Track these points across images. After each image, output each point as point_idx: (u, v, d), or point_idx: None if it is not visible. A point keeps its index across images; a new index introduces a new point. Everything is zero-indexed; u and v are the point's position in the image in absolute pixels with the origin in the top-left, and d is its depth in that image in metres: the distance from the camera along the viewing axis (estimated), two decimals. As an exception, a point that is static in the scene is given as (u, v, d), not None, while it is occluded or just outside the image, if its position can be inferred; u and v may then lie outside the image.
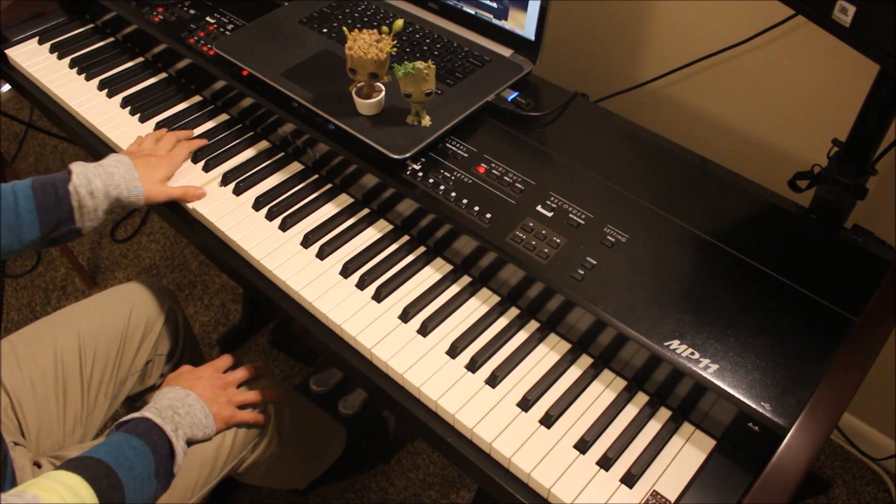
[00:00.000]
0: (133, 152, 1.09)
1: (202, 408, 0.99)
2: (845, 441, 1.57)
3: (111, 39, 1.38)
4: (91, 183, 0.97)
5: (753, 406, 0.76)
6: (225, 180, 1.10)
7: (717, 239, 0.92)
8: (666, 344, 0.81)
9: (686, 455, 0.82)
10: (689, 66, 1.28)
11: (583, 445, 0.82)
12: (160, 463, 0.88)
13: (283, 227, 1.04)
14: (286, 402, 1.22)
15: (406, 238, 1.03)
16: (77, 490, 0.76)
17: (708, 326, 0.83)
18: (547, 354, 0.90)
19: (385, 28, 0.99)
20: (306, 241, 1.02)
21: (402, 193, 1.00)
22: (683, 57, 1.28)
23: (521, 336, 0.92)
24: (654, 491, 0.78)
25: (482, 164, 1.01)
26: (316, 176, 1.12)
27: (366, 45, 0.97)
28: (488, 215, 0.95)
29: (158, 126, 1.19)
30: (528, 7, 1.09)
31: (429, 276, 0.98)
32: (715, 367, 0.79)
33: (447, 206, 0.96)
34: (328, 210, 1.07)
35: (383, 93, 1.03)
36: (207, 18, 1.28)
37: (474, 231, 0.94)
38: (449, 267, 1.00)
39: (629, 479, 0.79)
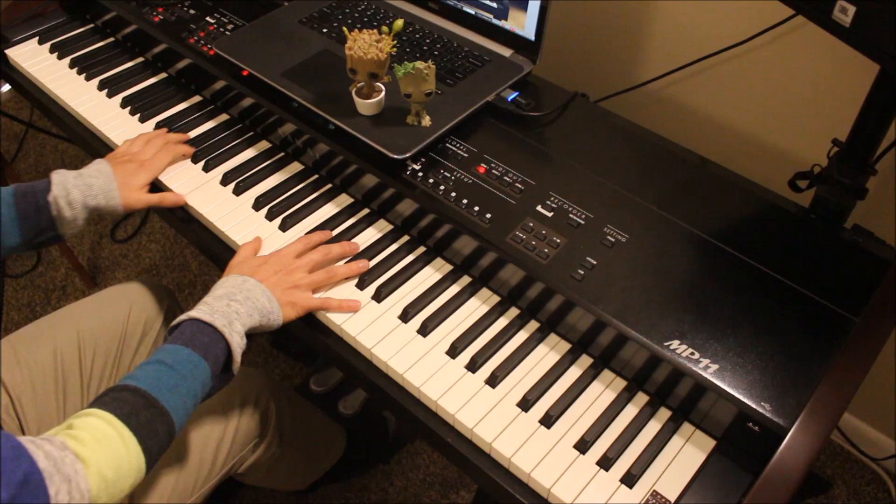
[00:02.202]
0: (116, 157, 1.09)
1: (263, 292, 0.90)
2: (845, 441, 1.57)
3: (111, 39, 1.38)
4: (70, 194, 0.98)
5: (753, 406, 0.76)
6: (225, 180, 1.10)
7: (717, 239, 0.92)
8: (666, 344, 0.81)
9: (686, 455, 0.82)
10: (689, 66, 1.28)
11: (583, 445, 0.82)
12: (216, 364, 0.83)
13: (283, 227, 1.04)
14: (287, 404, 1.22)
15: (406, 238, 1.03)
16: (106, 432, 0.71)
17: (708, 326, 0.83)
18: (547, 354, 0.90)
19: (385, 28, 0.99)
20: (306, 241, 1.02)
21: (402, 193, 1.00)
22: (683, 57, 1.28)
23: (521, 336, 0.92)
24: (654, 491, 0.78)
25: (482, 164, 1.01)
26: (316, 176, 1.12)
27: (366, 45, 0.97)
28: (488, 215, 0.95)
29: (159, 126, 1.19)
30: (528, 7, 1.09)
31: (429, 276, 0.98)
32: (715, 367, 0.79)
33: (447, 206, 0.96)
34: (328, 210, 1.07)
35: (383, 93, 1.03)
36: (207, 18, 1.28)
37: (474, 231, 0.94)
38: (449, 267, 1.00)
39: (629, 479, 0.79)
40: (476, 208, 0.96)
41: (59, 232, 1.00)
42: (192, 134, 1.18)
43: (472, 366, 0.88)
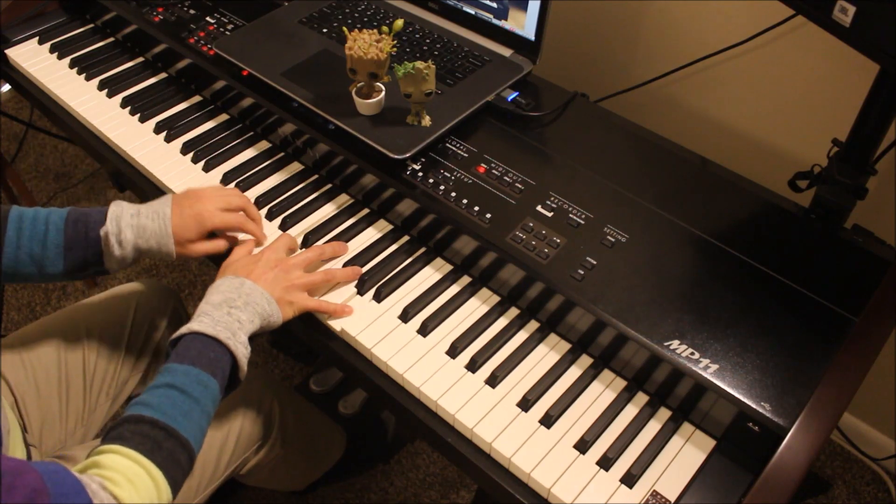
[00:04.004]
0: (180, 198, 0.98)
1: (261, 294, 0.88)
2: (845, 441, 1.57)
3: (111, 39, 1.38)
4: (122, 233, 0.91)
5: (753, 406, 0.76)
6: (225, 180, 1.10)
7: (717, 239, 0.92)
8: (666, 344, 0.81)
9: (686, 455, 0.82)
10: (689, 66, 1.28)
11: (583, 445, 0.82)
12: (223, 378, 0.81)
13: (283, 227, 1.04)
14: (289, 405, 1.22)
15: (406, 238, 1.03)
16: (136, 472, 0.70)
17: (708, 326, 0.83)
18: (547, 354, 0.90)
19: (385, 28, 0.99)
20: (306, 242, 1.02)
21: (402, 193, 1.00)
22: (684, 57, 1.28)
23: (521, 336, 0.92)
24: (654, 491, 0.78)
25: (482, 164, 1.01)
26: (316, 176, 1.12)
27: (366, 45, 0.97)
28: (488, 215, 0.95)
29: (159, 126, 1.19)
30: (528, 7, 1.09)
31: (429, 276, 0.98)
32: (715, 367, 0.79)
33: (447, 206, 0.96)
34: (328, 210, 1.07)
35: (383, 93, 1.03)
36: (207, 18, 1.28)
37: (474, 231, 0.94)
38: (449, 267, 1.00)
39: (629, 479, 0.79)
40: (476, 208, 0.96)
41: (106, 267, 0.93)
42: (192, 134, 1.18)
43: (472, 366, 0.88)
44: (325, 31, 1.21)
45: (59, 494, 0.62)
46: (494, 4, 1.14)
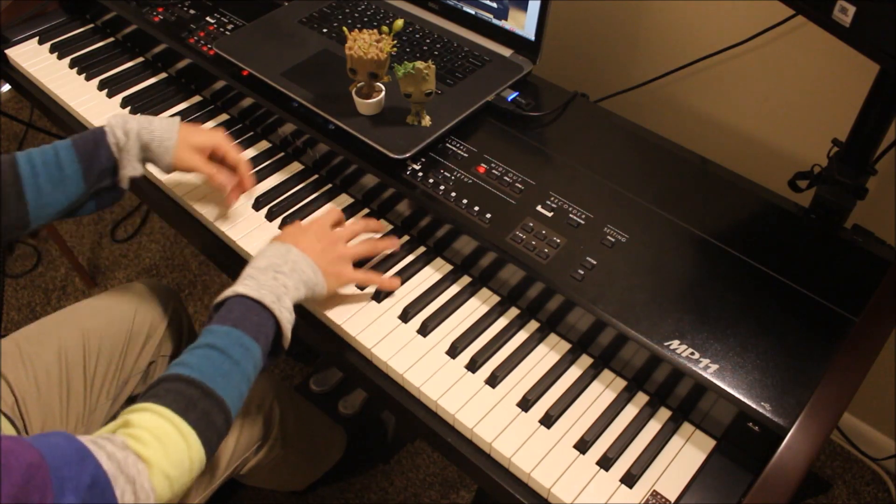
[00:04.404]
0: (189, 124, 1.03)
1: (308, 263, 0.87)
2: (845, 441, 1.57)
3: (111, 39, 1.38)
4: (127, 123, 0.95)
5: (753, 406, 0.76)
6: (225, 180, 1.10)
7: (717, 239, 0.92)
8: (666, 344, 0.81)
9: (686, 455, 0.82)
10: (689, 66, 1.28)
11: (583, 445, 0.82)
12: (266, 344, 0.80)
13: (283, 227, 1.04)
14: (290, 405, 1.22)
15: (406, 238, 1.03)
16: (166, 430, 0.68)
17: (708, 326, 0.83)
18: (547, 354, 0.90)
19: (385, 28, 0.99)
20: (306, 241, 1.01)
21: (402, 193, 1.00)
22: (683, 57, 1.28)
23: (521, 336, 0.92)
24: (654, 491, 0.78)
25: (482, 164, 1.01)
26: (316, 176, 1.12)
27: (366, 45, 0.97)
28: (488, 215, 0.95)
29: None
30: (528, 7, 1.09)
31: (429, 276, 0.98)
32: (715, 367, 0.79)
33: (447, 206, 0.96)
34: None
35: (383, 93, 1.03)
36: (207, 18, 1.28)
37: (474, 231, 0.94)
38: (449, 267, 1.00)
39: (629, 479, 0.79)
40: (476, 208, 0.96)
41: (120, 174, 0.95)
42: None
43: (472, 366, 0.88)
44: (325, 31, 1.21)
45: (58, 466, 0.59)
46: (494, 4, 1.14)
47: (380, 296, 0.95)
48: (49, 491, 0.57)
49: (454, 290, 0.97)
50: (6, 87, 2.37)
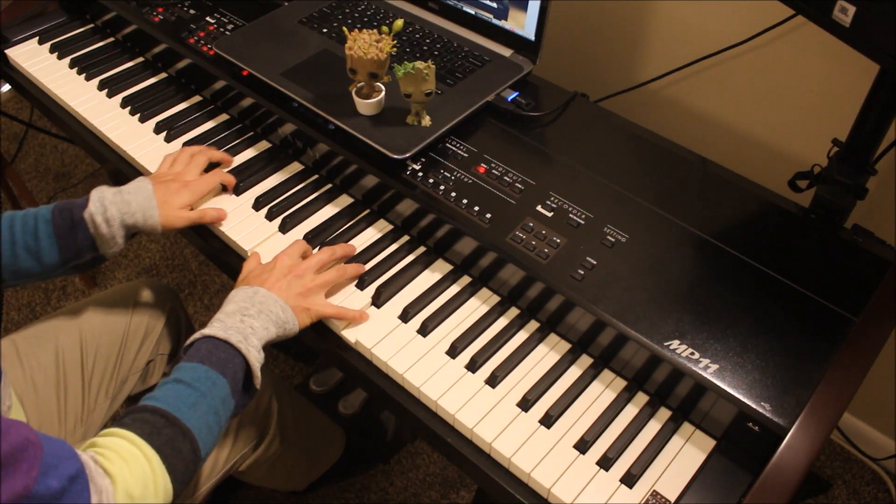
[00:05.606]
0: (158, 176, 1.04)
1: (276, 302, 0.88)
2: (845, 441, 1.57)
3: (111, 39, 1.38)
4: (107, 210, 0.94)
5: (753, 406, 0.76)
6: (225, 180, 1.10)
7: (717, 239, 0.92)
8: (666, 344, 0.81)
9: (686, 455, 0.82)
10: (689, 66, 1.28)
11: (583, 445, 0.82)
12: (235, 381, 0.81)
13: (283, 227, 1.04)
14: (289, 403, 1.22)
15: (406, 238, 1.03)
16: (131, 451, 0.71)
17: (708, 326, 0.83)
18: (547, 354, 0.90)
19: (385, 28, 0.99)
20: (307, 242, 1.01)
21: (402, 193, 1.00)
22: (683, 57, 1.28)
23: (521, 336, 0.92)
24: (654, 491, 0.78)
25: (482, 164, 1.01)
26: (316, 176, 1.12)
27: (366, 45, 0.97)
28: (488, 215, 0.95)
29: (158, 126, 1.19)
30: (528, 7, 1.09)
31: (429, 276, 0.98)
32: (715, 367, 0.79)
33: (447, 206, 0.96)
34: (328, 210, 1.07)
35: (383, 93, 1.03)
36: (207, 18, 1.28)
37: (474, 231, 0.94)
38: (449, 267, 1.00)
39: (629, 479, 0.79)
40: (476, 208, 0.96)
41: (101, 252, 0.96)
42: (192, 134, 1.18)
43: (472, 366, 0.88)
44: (325, 31, 1.21)
45: (50, 454, 0.63)
46: (494, 4, 1.14)
47: (380, 296, 0.95)
48: (36, 467, 0.61)
49: (454, 290, 0.97)
50: (6, 87, 2.37)
